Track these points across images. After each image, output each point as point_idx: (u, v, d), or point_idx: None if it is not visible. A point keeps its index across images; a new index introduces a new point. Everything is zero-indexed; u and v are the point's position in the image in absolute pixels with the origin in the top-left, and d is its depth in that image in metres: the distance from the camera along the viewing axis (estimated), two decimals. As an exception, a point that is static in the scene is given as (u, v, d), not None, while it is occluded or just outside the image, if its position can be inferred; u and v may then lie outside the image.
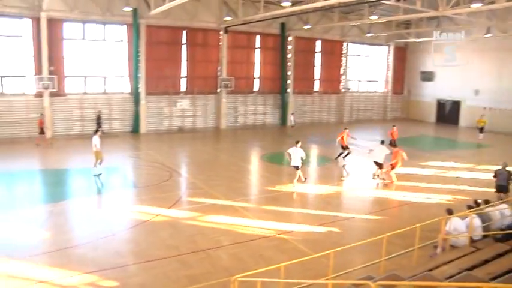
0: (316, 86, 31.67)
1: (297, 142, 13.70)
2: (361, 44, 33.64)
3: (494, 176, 12.21)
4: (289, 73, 29.82)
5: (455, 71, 31.95)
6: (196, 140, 22.28)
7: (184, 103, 26.04)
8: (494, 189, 12.09)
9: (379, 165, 14.55)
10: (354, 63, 33.73)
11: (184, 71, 25.90)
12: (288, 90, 29.90)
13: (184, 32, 25.45)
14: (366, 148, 16.53)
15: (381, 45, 34.95)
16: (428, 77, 34.73)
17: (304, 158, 13.53)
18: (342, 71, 32.62)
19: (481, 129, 26.10)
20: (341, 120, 32.75)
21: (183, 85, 26.01)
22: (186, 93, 26.13)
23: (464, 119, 31.98)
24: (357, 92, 34.13)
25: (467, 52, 30.78)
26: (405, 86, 36.99)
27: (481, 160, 19.00)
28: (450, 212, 9.16)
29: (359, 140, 20.30)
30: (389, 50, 35.46)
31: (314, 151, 20.46)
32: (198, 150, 19.39)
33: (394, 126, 21.21)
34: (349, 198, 13.10)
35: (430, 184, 14.76)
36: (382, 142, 15.39)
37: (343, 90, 32.89)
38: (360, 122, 33.42)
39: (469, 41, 30.15)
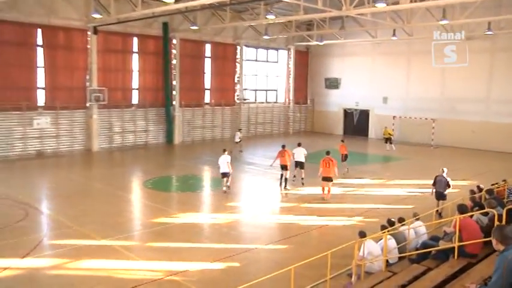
0: (207, 97, 31.88)
1: (224, 150, 16.70)
2: (257, 47, 34.75)
3: (433, 184, 13.95)
4: (174, 82, 29.48)
5: (362, 76, 34.97)
6: (60, 167, 21.25)
7: (43, 121, 23.78)
8: (434, 196, 13.98)
9: (301, 164, 18.07)
10: (250, 69, 34.62)
11: (41, 81, 23.77)
12: (174, 103, 29.52)
13: (39, 31, 23.36)
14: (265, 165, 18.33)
15: (280, 49, 36.55)
16: (333, 83, 37.22)
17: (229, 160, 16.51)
18: (236, 79, 33.27)
19: (388, 140, 28.74)
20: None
21: (41, 98, 23.91)
22: (45, 108, 23.99)
23: (374, 129, 34.86)
24: (254, 103, 35.01)
25: (372, 55, 34.09)
26: (308, 94, 39.13)
27: (393, 175, 20.73)
28: (363, 234, 9.46)
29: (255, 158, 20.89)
30: (289, 54, 37.15)
31: (207, 173, 21.25)
32: (64, 179, 18.58)
33: (342, 141, 22.52)
34: (249, 226, 13.13)
35: (340, 204, 15.60)
36: (299, 144, 18.67)
37: (238, 101, 33.49)
38: (259, 137, 34.39)
39: (374, 44, 33.42)
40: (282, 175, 17.75)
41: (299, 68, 37.82)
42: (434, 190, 14.08)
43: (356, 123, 36.16)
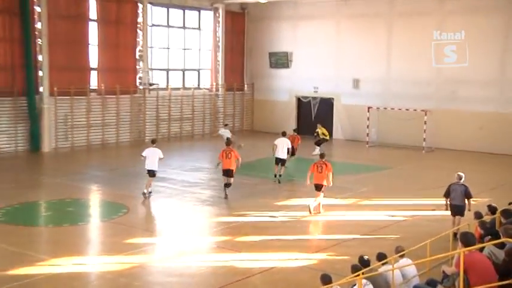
0: (94, 81, 31.34)
1: (153, 141, 19.77)
2: (168, 6, 34.57)
3: (446, 195, 15.26)
4: (40, 58, 28.71)
5: (322, 49, 35.59)
6: None
7: None
8: (449, 212, 15.06)
9: (283, 162, 21.50)
10: (158, 40, 34.41)
11: None
12: (41, 89, 28.79)
13: None
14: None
15: (203, 9, 36.61)
16: (281, 61, 37.62)
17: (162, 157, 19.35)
18: (138, 54, 32.95)
19: (319, 142, 29.47)
20: (142, 139, 32.89)
21: None
22: None
23: (341, 126, 35.57)
24: (165, 89, 34.75)
25: (338, 18, 34.80)
26: (246, 77, 39.38)
27: (370, 191, 21.22)
28: (327, 279, 9.54)
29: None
30: (216, 18, 37.20)
31: (95, 196, 21.16)
32: None
33: (294, 131, 26.97)
34: (160, 273, 13.00)
35: (293, 236, 15.85)
36: (284, 134, 22.47)
37: (141, 87, 33.22)
38: (174, 140, 34.25)
39: (339, 3, 34.10)
40: (225, 185, 19.50)
41: (232, 38, 37.98)
42: (448, 203, 15.29)
43: (315, 117, 36.55)
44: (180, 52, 35.86)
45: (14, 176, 23.53)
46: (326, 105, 36.21)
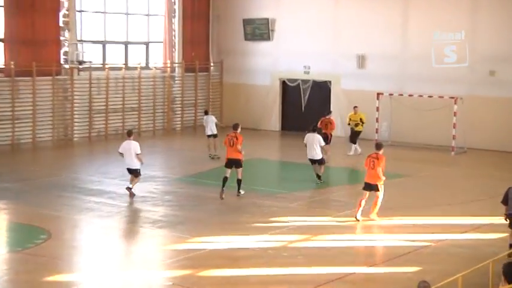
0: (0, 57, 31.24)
1: (130, 133, 21.75)
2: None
3: (504, 201, 15.96)
4: None
5: (314, 17, 35.71)
6: None
7: None
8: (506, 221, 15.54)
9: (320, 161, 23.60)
10: (91, 1, 34.36)
11: None
12: None
13: None
14: None
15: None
16: (260, 31, 37.75)
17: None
18: (62, 21, 32.86)
19: (354, 136, 29.83)
20: (70, 137, 32.76)
21: None
22: None
23: (341, 118, 35.25)
24: (101, 69, 34.73)
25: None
26: (213, 52, 39.50)
27: (381, 208, 20.68)
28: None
29: None
30: (169, -27, 37.40)
31: (2, 218, 20.69)
32: None
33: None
34: None
35: (275, 269, 15.70)
36: (314, 129, 24.77)
37: (68, 65, 33.15)
38: (113, 139, 33.75)
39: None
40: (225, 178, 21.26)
41: (193, 0, 37.99)
42: (507, 212, 15.86)
43: (305, 108, 36.87)
44: (121, 19, 35.76)
45: None
46: (321, 91, 36.39)
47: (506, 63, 31.24)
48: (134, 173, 21.05)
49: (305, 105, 36.81)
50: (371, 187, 19.17)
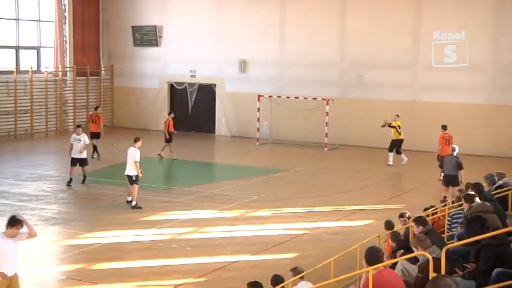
0: None
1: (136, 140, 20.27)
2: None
3: (441, 166, 20.82)
4: None
5: (200, 23, 35.74)
6: None
7: None
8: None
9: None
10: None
11: None
12: None
13: None
14: None
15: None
16: (148, 37, 37.68)
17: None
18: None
19: (395, 145, 27.74)
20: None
21: None
22: None
23: (225, 119, 36.10)
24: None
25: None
26: (103, 57, 39.21)
27: (263, 200, 21.61)
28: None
29: None
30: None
31: None
32: None
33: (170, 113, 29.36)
34: None
35: (164, 260, 15.84)
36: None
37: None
38: (3, 141, 33.49)
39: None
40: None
41: (82, 7, 37.61)
42: (442, 173, 20.74)
43: (192, 109, 37.03)
44: (11, 24, 34.91)
45: None
46: (206, 93, 36.50)
47: (375, 68, 32.10)
48: (129, 180, 20.03)
49: (192, 107, 36.85)
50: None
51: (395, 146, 27.38)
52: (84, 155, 22.12)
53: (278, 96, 33.64)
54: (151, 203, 20.99)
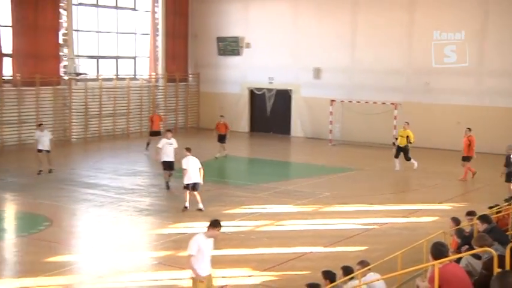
0: (8, 70, 30.94)
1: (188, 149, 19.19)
2: (97, -17, 34.46)
3: (506, 164, 19.98)
4: None
5: (279, 35, 35.83)
6: None
7: None
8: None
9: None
10: (86, 21, 34.15)
11: None
12: None
13: None
14: None
15: (139, -14, 36.61)
16: (231, 47, 37.85)
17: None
18: (61, 38, 32.62)
19: (400, 152, 26.37)
20: (68, 138, 32.63)
21: None
22: None
23: (300, 122, 35.94)
24: (95, 79, 34.52)
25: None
26: (191, 65, 39.53)
27: (333, 196, 21.44)
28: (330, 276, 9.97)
29: None
30: (154, -3, 37.40)
31: (11, 207, 20.79)
32: None
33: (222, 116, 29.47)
34: None
35: (245, 250, 15.91)
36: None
37: (66, 76, 32.89)
38: (106, 140, 34.07)
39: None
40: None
41: (173, 21, 37.94)
42: (505, 171, 19.96)
43: (270, 112, 37.00)
44: (112, 37, 35.58)
45: None
46: (283, 98, 36.44)
47: (440, 74, 31.48)
48: (198, 186, 19.11)
49: (270, 110, 36.92)
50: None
51: (402, 152, 26.03)
52: (173, 158, 21.60)
53: (349, 101, 33.38)
54: (232, 197, 21.10)
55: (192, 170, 18.69)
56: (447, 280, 8.43)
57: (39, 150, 23.75)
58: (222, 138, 28.44)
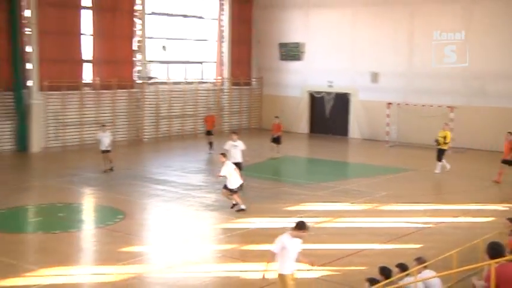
0: (88, 74, 31.46)
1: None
2: (169, -7, 34.81)
3: None
4: (29, 49, 28.86)
5: (338, 40, 35.65)
6: None
7: None
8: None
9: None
10: (158, 29, 34.54)
11: None
12: (30, 83, 28.94)
13: None
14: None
15: (207, -4, 36.86)
16: (292, 52, 37.76)
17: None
18: (136, 45, 33.13)
19: (439, 153, 25.89)
20: (140, 138, 33.01)
21: None
22: None
23: (358, 124, 35.62)
24: (166, 83, 34.88)
25: (355, 6, 34.73)
26: (254, 70, 39.57)
27: (390, 196, 21.16)
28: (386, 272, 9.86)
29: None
30: (222, 6, 37.46)
31: (89, 200, 21.19)
32: None
33: (277, 117, 29.51)
34: (159, 285, 13.05)
35: (303, 245, 15.37)
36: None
37: (139, 80, 33.34)
38: (175, 139, 34.28)
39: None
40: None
41: (238, 28, 38.09)
42: None
43: (329, 115, 36.79)
44: (181, 43, 35.97)
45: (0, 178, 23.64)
46: (341, 101, 36.20)
47: (499, 79, 30.77)
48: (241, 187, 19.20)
49: (329, 113, 36.75)
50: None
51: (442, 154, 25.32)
52: (240, 160, 21.19)
53: (406, 104, 32.93)
54: (292, 195, 20.99)
55: (233, 174, 18.42)
56: (505, 280, 8.18)
57: (103, 151, 24.08)
58: (276, 139, 28.23)
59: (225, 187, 18.45)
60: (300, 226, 10.96)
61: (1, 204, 19.21)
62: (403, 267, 10.60)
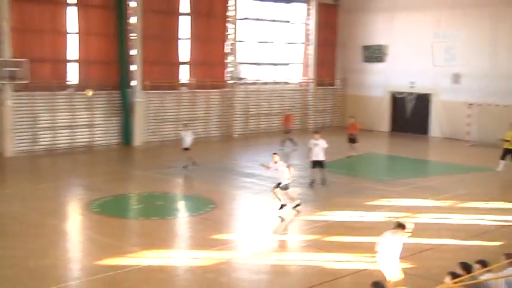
0: (185, 75, 32.07)
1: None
2: (261, 0, 34.94)
3: None
4: (134, 52, 29.61)
5: (420, 43, 34.91)
6: None
7: None
8: None
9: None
10: (249, 33, 34.79)
11: None
12: (134, 83, 29.67)
13: None
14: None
15: (295, 1, 36.74)
16: (375, 54, 37.38)
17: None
18: (228, 48, 33.44)
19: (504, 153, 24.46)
20: (230, 134, 33.41)
21: None
22: None
23: (439, 123, 34.83)
24: (255, 83, 35.10)
25: (438, 9, 33.96)
26: (338, 71, 39.24)
27: (470, 193, 20.56)
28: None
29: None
30: (309, 10, 37.38)
31: (184, 190, 21.55)
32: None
33: (352, 117, 28.65)
34: (247, 270, 13.14)
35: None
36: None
37: (231, 81, 33.65)
38: (263, 135, 34.42)
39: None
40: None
41: (324, 31, 37.91)
42: None
43: (411, 114, 36.16)
44: (270, 46, 36.09)
45: (107, 168, 24.51)
46: (423, 102, 35.50)
47: None
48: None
49: (410, 113, 36.14)
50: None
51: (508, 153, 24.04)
52: (322, 158, 20.93)
53: (487, 105, 31.80)
54: (373, 190, 20.72)
55: (285, 172, 17.86)
56: None
57: (184, 149, 24.09)
58: (352, 139, 27.50)
59: (280, 187, 17.82)
60: (400, 226, 11.12)
61: (108, 191, 19.92)
62: (484, 264, 10.28)
